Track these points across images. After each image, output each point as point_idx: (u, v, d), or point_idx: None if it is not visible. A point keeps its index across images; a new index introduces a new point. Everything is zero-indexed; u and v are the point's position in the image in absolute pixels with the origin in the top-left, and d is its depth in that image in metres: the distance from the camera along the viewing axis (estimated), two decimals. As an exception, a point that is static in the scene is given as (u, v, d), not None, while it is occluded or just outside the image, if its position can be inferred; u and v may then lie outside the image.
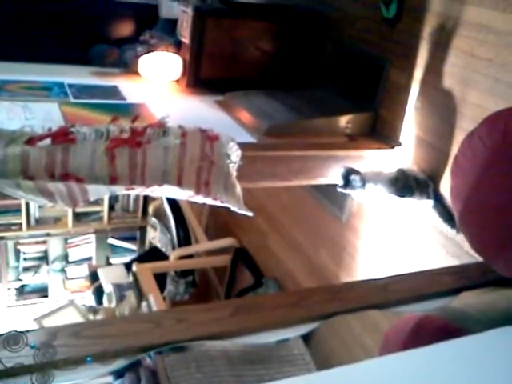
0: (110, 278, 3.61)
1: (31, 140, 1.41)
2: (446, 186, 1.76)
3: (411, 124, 1.92)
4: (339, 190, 1.75)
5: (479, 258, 1.38)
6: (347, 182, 1.71)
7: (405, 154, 1.94)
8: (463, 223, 1.37)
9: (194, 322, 1.01)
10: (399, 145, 1.96)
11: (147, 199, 4.39)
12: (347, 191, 1.74)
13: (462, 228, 1.39)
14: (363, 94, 2.13)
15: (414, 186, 1.76)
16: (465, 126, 1.67)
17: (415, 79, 1.89)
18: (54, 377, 0.78)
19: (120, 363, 0.86)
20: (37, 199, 1.32)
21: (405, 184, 1.75)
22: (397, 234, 2.02)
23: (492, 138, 1.27)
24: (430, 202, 1.78)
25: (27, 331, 0.82)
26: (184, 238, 3.35)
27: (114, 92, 2.08)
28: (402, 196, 1.75)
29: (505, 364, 0.88)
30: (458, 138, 1.69)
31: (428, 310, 1.23)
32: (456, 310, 1.23)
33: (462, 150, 1.39)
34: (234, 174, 1.57)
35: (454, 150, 1.65)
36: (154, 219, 3.80)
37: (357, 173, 1.71)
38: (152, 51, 2.28)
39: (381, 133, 2.03)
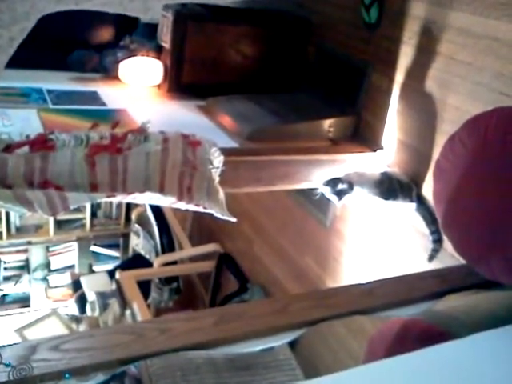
0: (93, 286, 3.57)
1: (9, 147, 1.38)
2: (428, 189, 1.77)
3: (393, 127, 1.93)
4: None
5: (463, 261, 1.38)
6: (340, 194, 1.69)
7: (387, 158, 1.95)
8: (446, 226, 1.38)
9: (177, 332, 0.99)
10: (381, 148, 1.96)
11: (130, 206, 4.35)
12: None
13: (446, 231, 1.40)
14: (345, 98, 2.13)
15: (397, 189, 1.76)
16: (446, 129, 1.68)
17: (397, 83, 1.90)
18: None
19: (101, 378, 0.84)
20: (15, 208, 1.28)
21: (389, 187, 1.76)
22: (381, 238, 2.02)
23: (473, 141, 1.28)
24: (413, 205, 1.79)
25: (2, 347, 0.79)
26: (168, 244, 3.33)
27: (94, 98, 2.05)
28: (386, 199, 1.76)
29: (490, 367, 0.88)
30: (440, 140, 1.70)
31: (413, 314, 1.23)
32: (440, 313, 1.23)
33: (444, 153, 1.40)
34: (217, 179, 1.55)
35: (436, 152, 1.66)
36: (137, 226, 3.77)
37: (341, 180, 1.70)
38: (132, 56, 2.26)
39: (363, 136, 2.04)
